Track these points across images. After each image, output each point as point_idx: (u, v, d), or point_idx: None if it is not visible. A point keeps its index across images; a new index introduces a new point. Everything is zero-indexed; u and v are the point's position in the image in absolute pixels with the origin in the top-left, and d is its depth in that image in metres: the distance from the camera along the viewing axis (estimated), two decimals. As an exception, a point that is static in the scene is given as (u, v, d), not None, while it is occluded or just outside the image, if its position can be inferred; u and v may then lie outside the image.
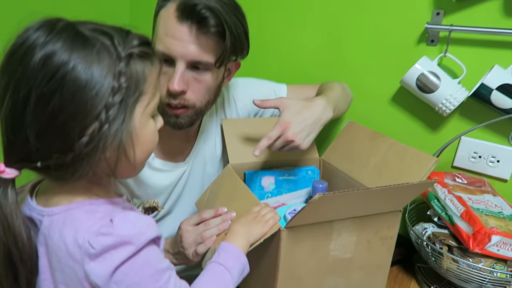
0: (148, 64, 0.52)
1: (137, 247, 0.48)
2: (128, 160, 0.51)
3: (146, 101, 0.52)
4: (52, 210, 0.52)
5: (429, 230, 0.91)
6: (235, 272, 0.61)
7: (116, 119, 0.48)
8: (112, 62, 0.48)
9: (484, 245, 0.80)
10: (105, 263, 0.47)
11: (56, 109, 0.46)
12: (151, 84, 0.53)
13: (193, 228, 0.76)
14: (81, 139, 0.47)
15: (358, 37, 1.09)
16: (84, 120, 0.47)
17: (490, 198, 0.93)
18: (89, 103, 0.46)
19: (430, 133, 1.05)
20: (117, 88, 0.48)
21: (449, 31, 0.94)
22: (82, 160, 0.48)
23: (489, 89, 0.90)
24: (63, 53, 0.46)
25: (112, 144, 0.49)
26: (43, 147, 0.48)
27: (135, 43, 0.51)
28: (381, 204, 0.71)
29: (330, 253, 0.71)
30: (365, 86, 1.11)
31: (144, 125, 0.53)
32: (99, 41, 0.48)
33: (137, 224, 0.50)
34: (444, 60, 0.99)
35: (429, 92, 0.97)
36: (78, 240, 0.48)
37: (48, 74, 0.46)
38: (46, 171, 0.50)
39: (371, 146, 0.88)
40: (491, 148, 0.99)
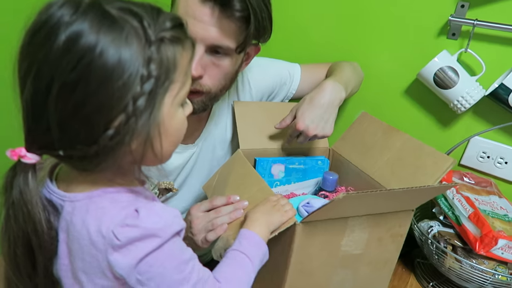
0: (180, 49, 0.47)
1: (163, 240, 0.46)
2: (155, 152, 0.48)
3: (176, 90, 0.48)
4: (75, 196, 0.49)
5: (435, 228, 0.91)
6: (256, 260, 0.59)
7: (144, 111, 0.44)
8: (142, 48, 0.43)
9: (490, 248, 0.80)
10: (129, 255, 0.45)
11: (80, 100, 0.42)
12: (182, 72, 0.48)
13: (203, 214, 0.73)
14: (106, 132, 0.44)
15: (376, 23, 1.05)
16: (110, 113, 0.43)
17: (496, 199, 0.93)
18: (116, 94, 0.42)
19: (441, 129, 1.04)
20: (146, 77, 0.44)
21: (473, 26, 0.91)
22: (107, 153, 0.45)
23: (508, 90, 0.88)
24: (89, 36, 0.41)
25: (139, 137, 0.45)
26: (66, 137, 0.44)
27: (167, 25, 0.46)
28: (397, 203, 0.70)
29: (341, 248, 0.70)
30: (379, 74, 1.08)
31: (173, 115, 0.49)
32: (128, 23, 0.43)
33: (163, 216, 0.48)
34: (464, 56, 0.97)
35: (445, 88, 0.94)
36: (102, 229, 0.46)
37: (73, 61, 0.41)
38: (69, 160, 0.47)
39: (385, 140, 0.86)
40: (500, 149, 0.98)
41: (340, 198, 0.55)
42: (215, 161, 0.95)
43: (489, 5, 0.91)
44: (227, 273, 0.56)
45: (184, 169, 0.91)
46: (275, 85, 0.99)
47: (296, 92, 1.03)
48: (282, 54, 1.10)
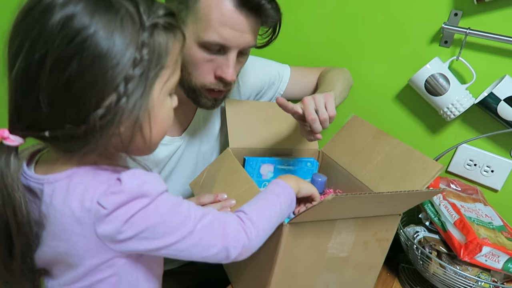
0: (172, 37, 0.49)
1: (150, 198, 0.47)
2: (144, 138, 0.48)
3: (166, 76, 0.49)
4: (54, 177, 0.49)
5: (421, 234, 0.91)
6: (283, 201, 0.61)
7: (134, 93, 0.45)
8: (136, 31, 0.44)
9: (474, 255, 0.81)
10: (117, 220, 0.46)
11: (73, 76, 0.42)
12: (173, 59, 0.49)
13: None
14: (96, 111, 0.44)
15: (370, 28, 1.05)
16: (101, 91, 0.43)
17: (481, 207, 0.93)
18: (109, 73, 0.43)
19: (430, 136, 1.05)
20: (139, 59, 0.44)
21: (466, 34, 0.92)
22: (95, 133, 0.45)
23: (497, 99, 0.89)
24: (84, 16, 0.42)
25: (129, 119, 0.45)
26: (55, 115, 0.44)
27: (160, 13, 0.47)
28: (384, 207, 0.70)
29: (328, 250, 0.70)
30: (372, 79, 1.09)
31: (162, 102, 0.50)
32: (124, 6, 0.44)
33: (146, 179, 0.48)
34: (455, 64, 0.97)
35: (436, 95, 0.95)
36: (85, 203, 0.46)
37: (68, 37, 0.42)
38: (53, 142, 0.47)
39: (375, 144, 0.87)
40: (487, 157, 0.99)
41: (329, 199, 0.54)
42: (201, 155, 0.95)
43: (482, 14, 0.92)
44: (252, 205, 0.58)
45: (170, 162, 0.90)
46: (264, 84, 1.00)
47: (284, 93, 1.03)
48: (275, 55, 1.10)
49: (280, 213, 0.59)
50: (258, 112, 0.92)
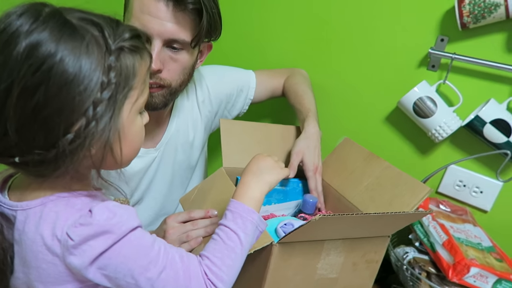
0: (138, 58, 0.50)
1: (118, 236, 0.46)
2: (115, 157, 0.49)
3: (135, 97, 0.50)
4: (27, 204, 0.49)
5: (410, 254, 0.92)
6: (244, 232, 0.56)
7: (104, 116, 0.45)
8: (102, 56, 0.45)
9: (463, 276, 0.82)
10: (85, 255, 0.45)
11: (41, 104, 0.43)
12: (141, 80, 0.50)
13: (179, 225, 0.73)
14: (65, 136, 0.44)
15: (360, 52, 1.08)
16: (70, 116, 0.44)
17: (470, 228, 0.95)
18: (77, 99, 0.43)
19: (420, 157, 1.06)
20: (106, 83, 0.45)
21: (451, 59, 0.95)
22: (66, 157, 0.45)
23: (483, 122, 0.92)
24: (50, 44, 0.43)
25: (99, 142, 0.46)
26: (24, 142, 0.45)
27: (126, 36, 0.48)
28: (373, 229, 0.71)
29: (317, 271, 0.71)
30: (361, 101, 1.11)
31: (132, 122, 0.51)
32: (89, 32, 0.45)
33: (117, 212, 0.47)
34: (442, 87, 1.00)
35: (424, 117, 0.97)
36: (57, 233, 0.46)
37: (34, 65, 0.42)
38: (24, 167, 0.47)
39: (365, 166, 0.88)
40: (476, 179, 1.01)
41: (316, 219, 0.56)
42: (177, 165, 0.96)
43: (467, 40, 0.96)
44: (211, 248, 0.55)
45: (147, 174, 0.91)
46: (233, 92, 1.03)
47: (254, 98, 1.07)
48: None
49: (243, 250, 0.56)
50: (252, 132, 0.94)
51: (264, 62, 1.21)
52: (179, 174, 0.98)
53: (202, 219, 0.74)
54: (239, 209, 0.58)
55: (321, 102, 1.16)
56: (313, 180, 0.91)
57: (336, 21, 1.09)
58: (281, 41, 1.18)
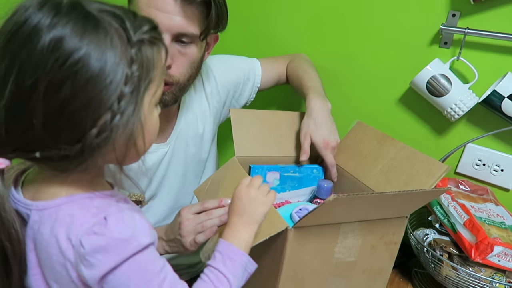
0: (156, 50, 0.49)
1: (129, 252, 0.46)
2: (137, 150, 0.48)
3: (154, 89, 0.50)
4: (43, 204, 0.48)
5: (430, 236, 0.90)
6: (232, 275, 0.55)
7: (127, 109, 0.45)
8: (125, 48, 0.45)
9: (486, 255, 0.79)
10: (94, 269, 0.45)
11: (68, 98, 0.42)
12: (159, 71, 0.50)
13: (194, 216, 0.73)
14: (91, 130, 0.44)
15: (369, 32, 1.06)
16: (96, 110, 0.44)
17: (492, 207, 0.92)
18: (103, 92, 0.43)
19: (436, 137, 1.04)
20: (129, 76, 0.45)
21: (464, 34, 0.92)
22: (91, 152, 0.45)
23: (500, 97, 0.88)
24: (74, 37, 0.42)
25: (123, 135, 0.46)
26: (49, 137, 0.44)
27: (145, 28, 0.47)
28: (389, 210, 0.69)
29: (335, 255, 0.70)
30: (373, 84, 1.09)
31: (151, 114, 0.51)
32: (112, 25, 0.45)
33: (131, 226, 0.47)
34: (456, 64, 0.97)
35: (439, 96, 0.95)
36: (72, 238, 0.45)
37: (60, 60, 0.42)
38: (46, 162, 0.47)
39: (380, 148, 0.86)
40: (495, 156, 0.98)
41: (330, 200, 0.55)
42: (189, 159, 0.96)
43: (479, 13, 0.92)
44: None
45: (159, 169, 0.91)
46: (240, 80, 1.02)
47: (260, 85, 1.06)
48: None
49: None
50: (262, 121, 0.93)
51: (273, 49, 1.19)
52: (192, 167, 0.97)
53: (216, 208, 0.73)
54: (228, 251, 0.57)
55: (333, 86, 1.15)
56: (328, 157, 0.89)
57: (345, 3, 1.07)
58: (289, 25, 1.16)
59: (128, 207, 0.52)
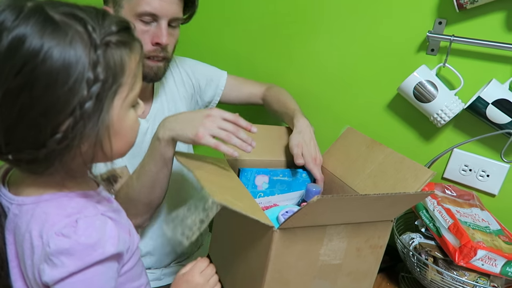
0: (127, 51, 0.48)
1: (92, 259, 0.46)
2: (105, 153, 0.48)
3: (125, 92, 0.48)
4: (23, 200, 0.49)
5: (416, 240, 0.91)
6: None
7: (92, 115, 0.44)
8: (87, 52, 0.44)
9: (470, 259, 0.80)
10: (57, 269, 0.45)
11: (26, 106, 0.42)
12: (131, 74, 0.49)
13: (222, 120, 0.75)
14: (54, 136, 0.44)
15: (357, 39, 1.08)
16: (57, 117, 0.43)
17: (477, 212, 0.93)
18: (62, 99, 0.42)
19: (423, 143, 1.05)
20: (92, 80, 0.44)
21: (450, 41, 0.93)
22: (56, 156, 0.45)
23: (485, 103, 0.90)
24: (32, 41, 0.41)
25: (88, 140, 0.46)
26: (13, 143, 0.44)
27: (113, 29, 0.46)
28: (375, 213, 0.70)
29: (320, 258, 0.70)
30: (361, 89, 1.10)
31: (123, 117, 0.50)
32: (72, 27, 0.43)
33: (100, 233, 0.47)
34: (443, 70, 0.99)
35: (425, 102, 0.96)
36: (43, 235, 0.46)
37: (16, 67, 0.41)
38: (17, 164, 0.47)
39: (368, 153, 0.88)
40: (482, 162, 0.99)
41: (314, 201, 0.55)
42: None
43: (465, 21, 0.94)
44: None
45: (142, 145, 0.94)
46: (204, 77, 1.11)
47: (223, 95, 1.14)
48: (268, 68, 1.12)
49: None
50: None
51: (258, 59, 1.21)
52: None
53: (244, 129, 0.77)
54: None
55: (321, 92, 1.16)
56: (317, 171, 0.92)
57: (331, 8, 1.09)
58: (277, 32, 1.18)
59: (106, 210, 0.52)
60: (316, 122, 1.16)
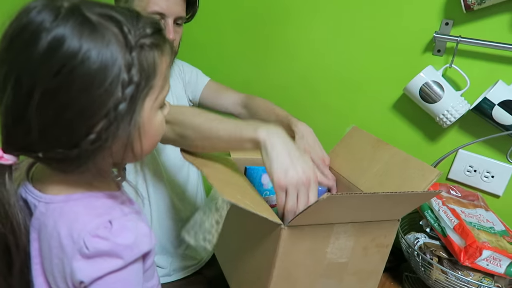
0: (159, 54, 0.48)
1: (130, 257, 0.47)
2: (134, 154, 0.49)
3: (156, 94, 0.49)
4: (51, 198, 0.49)
5: (421, 240, 0.91)
6: None
7: (125, 116, 0.45)
8: (123, 54, 0.44)
9: (475, 259, 0.81)
10: (95, 267, 0.45)
11: (62, 106, 0.43)
12: (162, 76, 0.49)
13: (309, 189, 0.65)
14: (88, 137, 0.44)
15: (364, 39, 1.08)
16: (92, 118, 0.44)
17: (482, 212, 0.93)
18: (98, 100, 0.43)
19: (428, 143, 1.05)
20: (127, 82, 0.44)
21: (457, 42, 0.94)
22: (87, 156, 0.46)
23: (491, 104, 0.90)
24: (71, 43, 0.41)
25: (120, 141, 0.46)
26: (46, 141, 0.45)
27: (147, 31, 0.47)
28: (382, 212, 0.70)
29: (327, 256, 0.70)
30: (367, 90, 1.11)
31: (152, 118, 0.50)
32: (109, 29, 0.44)
33: (135, 234, 0.48)
34: (449, 71, 0.99)
35: (431, 102, 0.96)
36: (73, 234, 0.46)
37: (54, 67, 0.41)
38: (47, 162, 0.48)
39: (374, 153, 0.88)
40: (486, 163, 1.00)
41: (324, 198, 0.55)
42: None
43: (472, 22, 0.94)
44: None
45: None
46: (189, 74, 1.15)
47: (202, 95, 1.15)
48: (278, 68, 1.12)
49: None
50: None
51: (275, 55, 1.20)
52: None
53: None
54: None
55: (326, 93, 1.16)
56: (327, 171, 0.92)
57: (338, 8, 1.09)
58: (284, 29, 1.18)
59: (131, 211, 0.53)
60: (322, 121, 1.17)
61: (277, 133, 0.67)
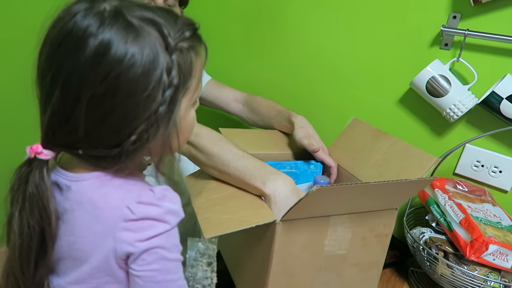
0: (196, 55, 0.50)
1: (174, 222, 0.49)
2: (172, 150, 0.52)
3: (191, 94, 0.51)
4: (82, 176, 0.50)
5: (427, 234, 0.90)
6: None
7: (165, 116, 0.47)
8: (163, 58, 0.46)
9: (481, 254, 0.80)
10: (143, 233, 0.47)
11: (107, 111, 0.45)
12: (197, 76, 0.51)
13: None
14: (129, 138, 0.47)
15: (371, 33, 1.08)
16: (134, 121, 0.46)
17: (489, 207, 0.92)
18: (141, 105, 0.45)
19: (435, 138, 1.04)
20: (167, 85, 0.46)
21: (464, 36, 0.92)
22: (128, 155, 0.48)
23: (499, 98, 0.89)
24: (118, 47, 0.43)
25: (159, 140, 0.48)
26: (89, 141, 0.47)
27: (186, 34, 0.48)
28: (378, 201, 0.70)
29: (325, 248, 0.71)
30: (374, 84, 1.10)
31: (187, 116, 0.53)
32: (150, 33, 0.45)
33: (177, 200, 0.51)
34: (456, 65, 0.98)
35: (438, 96, 0.95)
36: (113, 204, 0.48)
37: (102, 73, 0.43)
38: (87, 158, 0.50)
39: (374, 143, 0.88)
40: (494, 158, 0.98)
41: (314, 191, 0.56)
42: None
43: (480, 16, 0.93)
44: None
45: None
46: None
47: (203, 91, 1.16)
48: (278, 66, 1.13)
49: None
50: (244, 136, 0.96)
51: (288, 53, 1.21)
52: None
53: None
54: None
55: (333, 88, 1.16)
56: (328, 158, 0.93)
57: (343, 2, 1.09)
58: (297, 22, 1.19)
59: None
60: (327, 117, 1.18)
61: (285, 185, 0.71)
